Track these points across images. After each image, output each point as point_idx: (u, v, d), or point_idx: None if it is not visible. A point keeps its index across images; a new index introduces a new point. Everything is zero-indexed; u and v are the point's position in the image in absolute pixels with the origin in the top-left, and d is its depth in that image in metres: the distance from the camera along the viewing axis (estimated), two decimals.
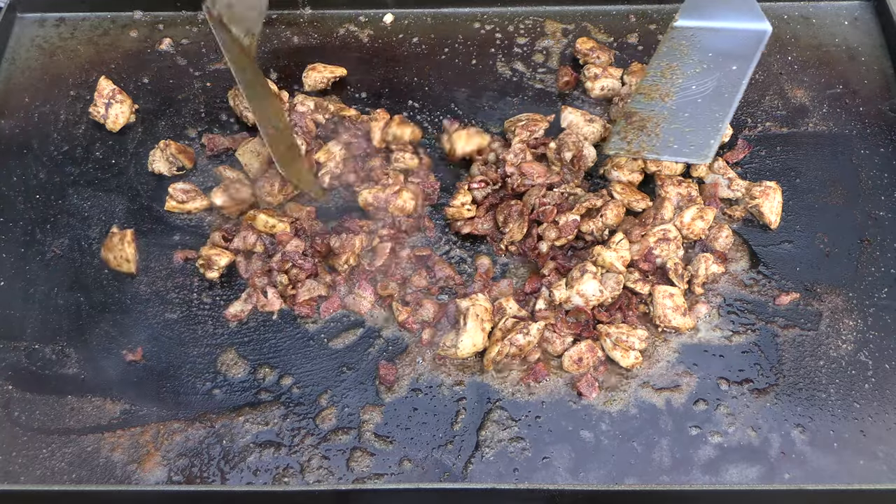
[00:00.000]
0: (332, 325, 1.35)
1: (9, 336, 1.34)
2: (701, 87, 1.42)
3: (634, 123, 1.41)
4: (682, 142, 1.38)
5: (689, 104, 1.41)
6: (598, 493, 1.17)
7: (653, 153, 1.39)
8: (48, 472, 1.21)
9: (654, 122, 1.41)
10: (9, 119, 1.58)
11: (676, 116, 1.41)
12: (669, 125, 1.40)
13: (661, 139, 1.39)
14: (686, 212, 1.38)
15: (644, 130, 1.41)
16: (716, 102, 1.41)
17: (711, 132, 1.38)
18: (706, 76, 1.43)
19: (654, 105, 1.42)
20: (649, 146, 1.40)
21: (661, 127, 1.40)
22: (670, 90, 1.43)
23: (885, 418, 1.24)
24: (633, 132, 1.41)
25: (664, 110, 1.42)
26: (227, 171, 1.47)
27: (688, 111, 1.41)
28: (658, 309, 1.31)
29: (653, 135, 1.40)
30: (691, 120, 1.40)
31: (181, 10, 1.73)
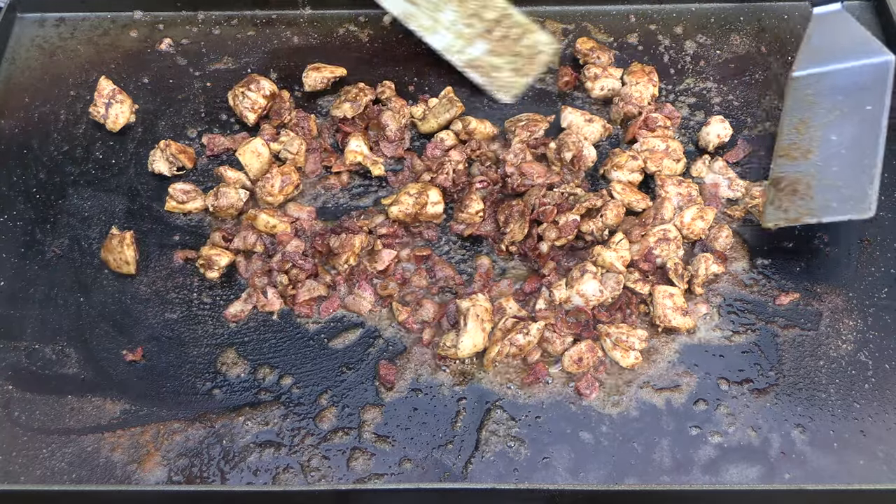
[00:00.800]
0: (332, 325, 1.35)
1: (9, 336, 1.34)
2: (841, 137, 1.35)
3: (786, 189, 1.36)
4: (839, 198, 1.32)
5: (834, 157, 1.34)
6: (598, 493, 1.17)
7: (814, 217, 1.33)
8: (48, 472, 1.22)
9: (804, 184, 1.35)
10: (9, 119, 1.58)
11: (826, 173, 1.34)
12: (821, 183, 1.34)
13: (817, 200, 1.33)
14: (686, 212, 1.38)
15: (797, 194, 1.35)
16: (861, 150, 1.34)
17: (866, 181, 1.31)
18: (843, 123, 1.36)
19: (800, 165, 1.36)
20: (807, 210, 1.34)
21: (813, 188, 1.34)
22: (811, 146, 1.37)
23: (885, 418, 1.24)
24: (787, 198, 1.35)
25: (811, 168, 1.35)
26: (227, 171, 1.47)
27: (835, 165, 1.34)
28: (658, 309, 1.31)
29: (807, 197, 1.34)
30: (841, 173, 1.33)
31: (181, 10, 1.73)
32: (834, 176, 1.34)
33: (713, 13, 1.72)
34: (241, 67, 1.65)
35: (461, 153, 1.49)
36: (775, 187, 1.37)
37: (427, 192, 1.41)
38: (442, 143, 1.50)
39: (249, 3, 1.72)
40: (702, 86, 1.61)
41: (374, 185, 1.50)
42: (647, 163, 1.45)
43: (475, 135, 1.51)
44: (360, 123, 1.54)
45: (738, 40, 1.67)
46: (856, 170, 1.33)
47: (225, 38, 1.70)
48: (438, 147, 1.50)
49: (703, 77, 1.62)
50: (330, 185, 1.49)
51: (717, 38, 1.68)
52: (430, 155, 1.50)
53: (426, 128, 1.54)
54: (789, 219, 1.35)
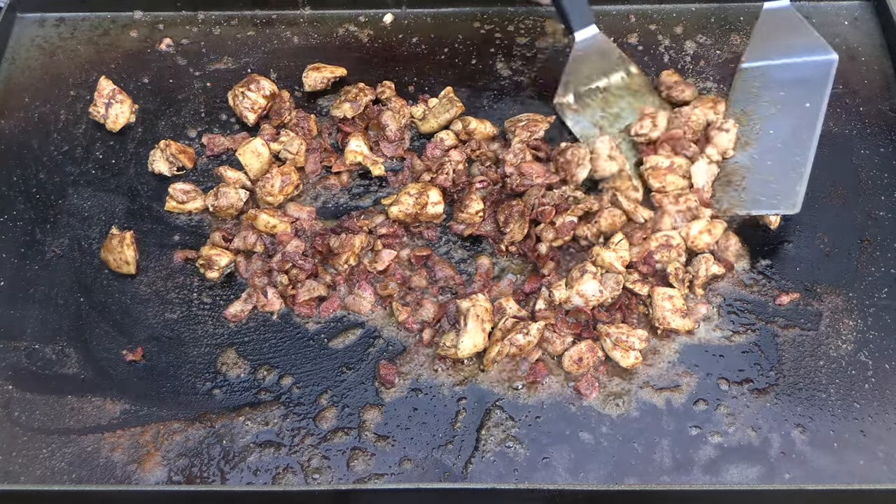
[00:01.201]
0: (332, 325, 1.35)
1: (9, 336, 1.34)
2: (778, 132, 1.40)
3: (721, 179, 1.40)
4: (769, 193, 1.37)
5: (770, 151, 1.39)
6: (598, 493, 1.17)
7: (743, 209, 1.38)
8: (48, 472, 1.21)
9: (739, 176, 1.39)
10: (9, 119, 1.58)
11: (760, 167, 1.39)
12: (754, 176, 1.38)
13: (749, 193, 1.38)
14: (693, 224, 1.38)
15: (731, 185, 1.39)
16: (795, 146, 1.38)
17: (795, 179, 1.36)
18: (782, 118, 1.41)
19: (737, 156, 1.41)
20: (738, 201, 1.38)
21: (746, 180, 1.39)
22: (749, 138, 1.42)
23: (885, 418, 1.24)
24: (721, 189, 1.40)
25: (747, 160, 1.40)
26: (227, 171, 1.47)
27: (769, 159, 1.39)
28: (657, 311, 1.31)
29: (740, 188, 1.39)
30: (774, 168, 1.38)
31: (181, 10, 1.73)
32: (767, 170, 1.37)
33: (713, 13, 1.72)
34: (241, 67, 1.65)
35: (461, 153, 1.49)
36: (726, 179, 1.40)
37: (427, 192, 1.41)
38: (442, 143, 1.50)
39: (249, 3, 1.72)
40: (702, 86, 1.61)
41: (374, 185, 1.50)
42: (649, 178, 1.44)
43: (475, 135, 1.51)
44: (360, 123, 1.54)
45: (738, 40, 1.67)
46: (787, 166, 1.37)
47: (225, 38, 1.70)
48: (438, 147, 1.50)
49: (703, 77, 1.62)
50: (330, 185, 1.49)
51: (717, 38, 1.68)
52: (430, 155, 1.50)
53: (426, 128, 1.54)
54: (721, 210, 1.39)
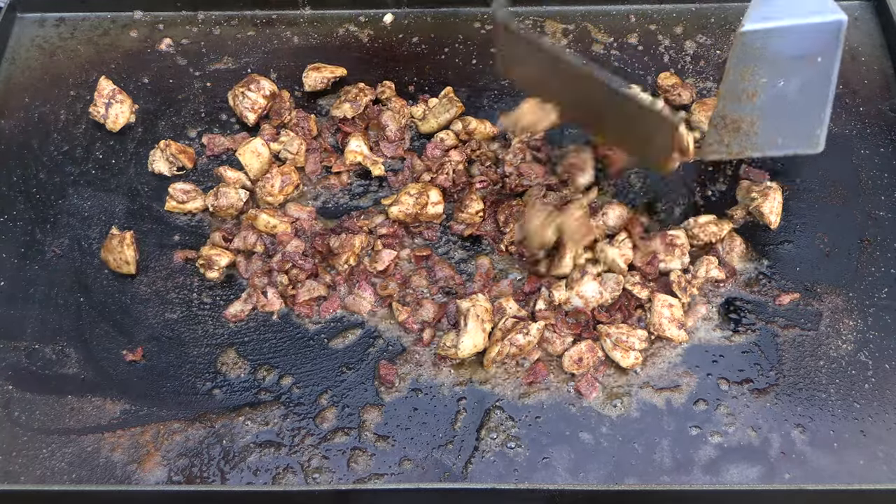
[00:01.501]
0: (332, 325, 1.35)
1: (9, 336, 1.34)
2: (788, 84, 1.32)
3: (729, 126, 1.33)
4: (786, 135, 1.31)
5: (780, 100, 1.32)
6: (598, 493, 1.17)
7: (757, 151, 1.32)
8: (48, 472, 1.21)
9: (748, 122, 1.33)
10: (9, 119, 1.58)
11: (771, 113, 1.32)
12: (766, 122, 1.32)
13: (761, 136, 1.32)
14: (701, 217, 1.38)
15: (740, 131, 1.33)
16: (809, 94, 1.31)
17: (815, 122, 1.30)
18: (791, 72, 1.32)
19: (744, 106, 1.33)
20: (751, 145, 1.32)
21: (757, 125, 1.32)
22: (756, 90, 1.33)
23: (885, 418, 1.24)
24: (729, 134, 1.34)
25: (755, 110, 1.32)
26: (227, 171, 1.47)
27: (782, 106, 1.32)
28: (655, 316, 1.30)
29: (751, 133, 1.32)
30: (788, 114, 1.31)
31: (181, 10, 1.73)
32: (780, 116, 1.32)
33: (713, 13, 1.72)
34: (241, 67, 1.65)
35: (461, 153, 1.49)
36: (718, 125, 1.35)
37: (427, 192, 1.41)
38: (442, 143, 1.50)
39: (249, 3, 1.72)
40: (702, 86, 1.61)
41: (374, 185, 1.50)
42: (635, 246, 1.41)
43: (475, 135, 1.51)
44: (360, 123, 1.54)
45: None
46: (804, 110, 1.32)
47: (225, 38, 1.70)
48: (438, 147, 1.50)
49: (703, 77, 1.62)
50: (330, 185, 1.49)
51: (717, 38, 1.68)
52: (430, 155, 1.50)
53: (426, 128, 1.54)
54: (731, 153, 1.34)
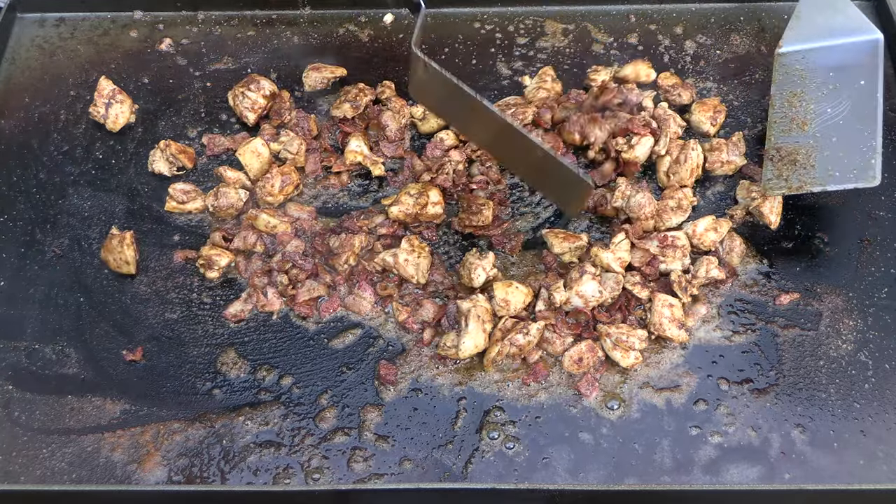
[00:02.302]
0: (332, 325, 1.35)
1: (9, 336, 1.34)
2: (836, 109, 1.34)
3: (785, 159, 1.34)
4: (842, 167, 1.31)
5: (832, 128, 1.33)
6: (598, 494, 1.17)
7: (818, 185, 1.32)
8: (48, 472, 1.21)
9: (804, 154, 1.34)
10: (9, 119, 1.58)
11: (825, 143, 1.33)
12: (822, 153, 1.33)
13: (818, 169, 1.32)
14: (700, 222, 1.38)
15: (797, 164, 1.34)
16: (859, 121, 1.33)
17: (868, 152, 1.30)
18: (837, 96, 1.34)
19: (796, 136, 1.34)
20: (810, 179, 1.33)
21: (813, 157, 1.33)
22: (805, 118, 1.36)
23: (885, 418, 1.24)
24: (787, 167, 1.34)
25: (809, 139, 1.34)
26: (227, 171, 1.47)
27: (834, 136, 1.33)
28: (655, 316, 1.30)
29: (808, 166, 1.33)
30: (842, 144, 1.32)
31: (181, 10, 1.73)
32: (834, 146, 1.32)
33: (713, 13, 1.72)
34: (241, 67, 1.65)
35: (461, 153, 1.49)
36: (773, 158, 1.35)
37: (427, 192, 1.41)
38: (442, 143, 1.50)
39: (249, 3, 1.72)
40: (702, 86, 1.61)
41: (374, 185, 1.50)
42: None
43: None
44: (360, 123, 1.54)
45: (738, 40, 1.67)
46: (856, 140, 1.31)
47: (225, 38, 1.70)
48: (438, 147, 1.50)
49: (703, 77, 1.62)
50: (330, 185, 1.49)
51: (717, 38, 1.68)
52: (430, 155, 1.50)
53: (426, 128, 1.54)
54: (791, 187, 1.34)
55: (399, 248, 1.35)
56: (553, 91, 1.55)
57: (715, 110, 1.52)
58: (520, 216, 1.45)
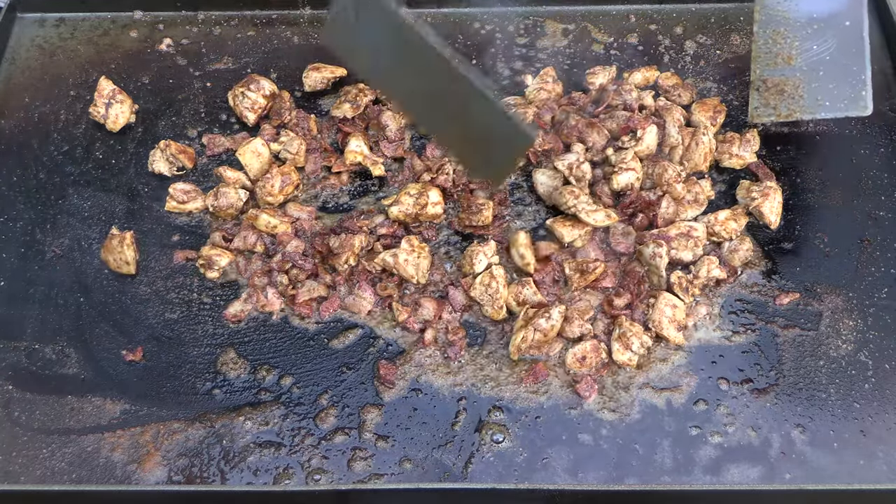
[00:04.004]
0: (332, 325, 1.35)
1: (9, 336, 1.34)
2: (822, 46, 1.33)
3: (772, 89, 1.34)
4: (832, 98, 1.31)
5: (819, 63, 1.33)
6: (598, 494, 1.17)
7: (807, 113, 1.32)
8: (48, 472, 1.21)
9: (791, 85, 1.34)
10: (9, 119, 1.58)
11: (812, 76, 1.33)
12: (809, 85, 1.32)
13: (807, 99, 1.32)
14: (721, 212, 1.39)
15: (784, 94, 1.33)
16: (846, 58, 1.32)
17: (858, 84, 1.31)
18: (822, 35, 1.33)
19: (783, 70, 1.34)
20: (798, 107, 1.33)
21: (801, 88, 1.33)
22: (791, 53, 1.35)
23: (885, 418, 1.24)
24: (774, 97, 1.34)
25: (796, 72, 1.33)
26: (227, 171, 1.47)
27: (821, 70, 1.33)
28: (656, 314, 1.31)
29: (796, 96, 1.33)
30: (830, 77, 1.32)
31: (181, 10, 1.73)
32: (822, 79, 1.32)
33: (713, 13, 1.72)
34: (241, 67, 1.65)
35: None
36: (760, 88, 1.35)
37: (427, 192, 1.41)
38: None
39: (249, 3, 1.72)
40: (702, 86, 1.61)
41: (374, 185, 1.50)
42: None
43: None
44: (360, 123, 1.54)
45: (738, 40, 1.67)
46: (844, 74, 1.32)
47: (225, 38, 1.70)
48: (438, 147, 1.50)
49: (703, 77, 1.62)
50: (330, 185, 1.49)
51: (717, 38, 1.68)
52: (430, 155, 1.50)
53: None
54: (780, 115, 1.35)
55: (399, 248, 1.35)
56: (554, 92, 1.56)
57: (715, 110, 1.52)
58: (519, 216, 1.45)
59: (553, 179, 1.43)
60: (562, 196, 1.39)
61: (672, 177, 1.39)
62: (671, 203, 1.39)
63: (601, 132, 1.44)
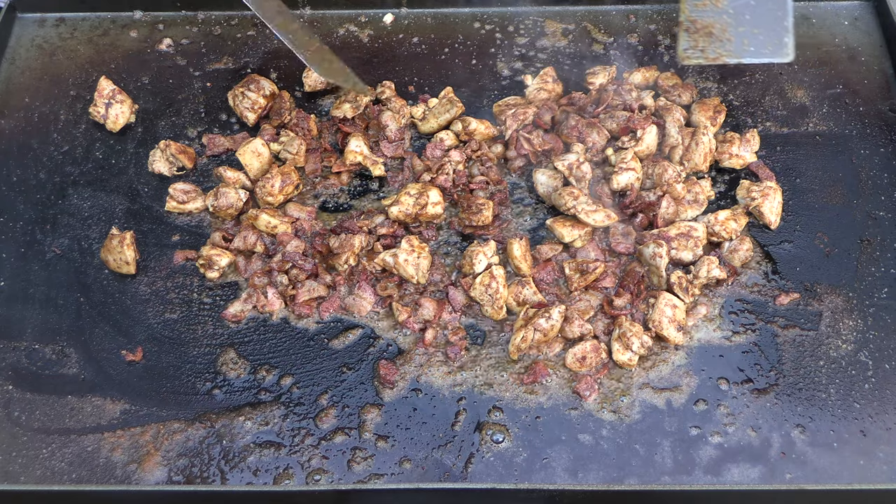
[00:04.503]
0: (332, 325, 1.35)
1: (9, 336, 1.34)
2: None
3: (701, 31, 1.37)
4: (756, 42, 1.35)
5: (745, 7, 1.37)
6: (598, 494, 1.17)
7: (733, 57, 1.36)
8: (48, 472, 1.21)
9: (719, 28, 1.37)
10: (9, 119, 1.58)
11: (739, 20, 1.36)
12: (736, 28, 1.36)
13: (735, 42, 1.36)
14: (721, 212, 1.39)
15: (713, 36, 1.36)
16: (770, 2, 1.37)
17: (780, 31, 1.35)
18: None
19: (711, 11, 1.37)
20: (725, 51, 1.36)
21: (728, 31, 1.36)
22: None
23: (885, 418, 1.24)
24: (703, 39, 1.37)
25: (723, 14, 1.37)
26: (227, 171, 1.47)
27: (747, 13, 1.37)
28: (656, 314, 1.31)
29: (724, 39, 1.36)
30: (755, 21, 1.36)
31: (181, 10, 1.73)
32: (748, 23, 1.36)
33: None
34: (241, 67, 1.65)
35: (461, 153, 1.49)
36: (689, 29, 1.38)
37: (427, 192, 1.41)
38: (442, 143, 1.50)
39: None
40: (702, 86, 1.61)
41: (374, 185, 1.50)
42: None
43: (475, 135, 1.51)
44: (360, 123, 1.54)
45: None
46: (768, 18, 1.36)
47: (225, 38, 1.70)
48: (438, 147, 1.50)
49: (703, 77, 1.62)
50: (330, 185, 1.49)
51: None
52: (430, 155, 1.50)
53: (426, 128, 1.54)
54: (707, 57, 1.37)
55: (399, 248, 1.35)
56: (554, 92, 1.56)
57: (715, 110, 1.52)
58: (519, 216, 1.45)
59: (553, 179, 1.43)
60: (561, 197, 1.39)
61: (672, 177, 1.39)
62: (671, 203, 1.39)
63: (601, 132, 1.44)
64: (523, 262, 1.35)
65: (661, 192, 1.39)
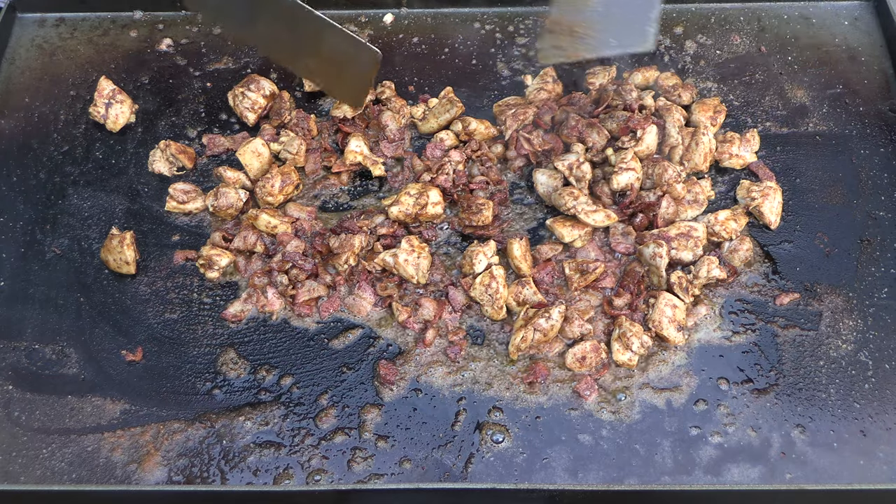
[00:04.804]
0: (332, 325, 1.35)
1: (9, 336, 1.34)
2: None
3: (564, 32, 1.38)
4: (619, 35, 1.37)
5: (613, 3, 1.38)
6: (598, 494, 1.17)
7: (592, 52, 1.37)
8: (48, 472, 1.22)
9: (584, 27, 1.38)
10: (9, 119, 1.58)
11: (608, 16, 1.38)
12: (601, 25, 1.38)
13: (597, 38, 1.37)
14: (721, 212, 1.39)
15: (575, 35, 1.37)
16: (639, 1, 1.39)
17: (645, 21, 1.36)
18: None
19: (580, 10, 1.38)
20: (585, 47, 1.37)
21: (592, 29, 1.37)
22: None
23: (885, 418, 1.24)
24: (565, 39, 1.38)
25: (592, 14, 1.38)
26: (227, 171, 1.47)
27: (615, 9, 1.38)
28: (656, 314, 1.31)
29: (585, 37, 1.38)
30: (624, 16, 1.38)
31: (181, 10, 1.73)
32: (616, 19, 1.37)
33: (713, 13, 1.72)
34: (241, 67, 1.65)
35: (461, 153, 1.49)
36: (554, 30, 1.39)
37: (427, 192, 1.41)
38: (442, 143, 1.50)
39: None
40: (702, 86, 1.61)
41: (374, 185, 1.50)
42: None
43: (475, 135, 1.51)
44: (360, 123, 1.54)
45: (738, 40, 1.67)
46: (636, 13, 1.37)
47: (225, 38, 1.70)
48: (438, 147, 1.50)
49: (703, 77, 1.62)
50: (330, 185, 1.49)
51: (717, 38, 1.68)
52: (430, 155, 1.50)
53: (426, 128, 1.54)
54: (568, 55, 1.38)
55: (399, 248, 1.35)
56: (554, 92, 1.56)
57: (715, 110, 1.52)
58: (519, 216, 1.45)
59: (553, 179, 1.43)
60: (561, 198, 1.39)
61: (672, 177, 1.39)
62: (671, 203, 1.39)
63: (601, 132, 1.44)
64: (523, 262, 1.35)
65: (661, 192, 1.39)
